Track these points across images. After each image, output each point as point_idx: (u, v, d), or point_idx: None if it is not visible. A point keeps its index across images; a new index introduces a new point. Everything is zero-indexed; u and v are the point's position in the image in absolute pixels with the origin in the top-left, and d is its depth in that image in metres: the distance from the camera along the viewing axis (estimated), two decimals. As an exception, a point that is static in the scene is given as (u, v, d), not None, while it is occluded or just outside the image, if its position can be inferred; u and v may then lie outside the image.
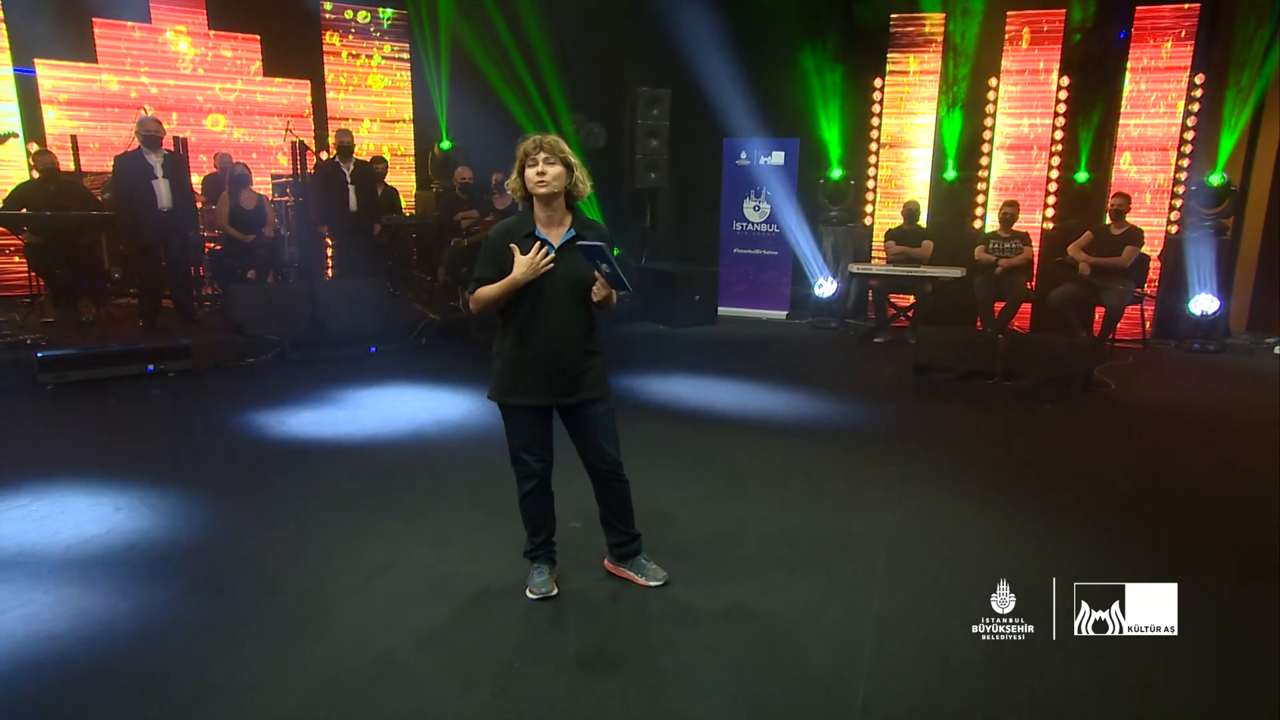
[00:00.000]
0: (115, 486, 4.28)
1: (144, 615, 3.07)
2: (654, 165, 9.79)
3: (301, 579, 3.37)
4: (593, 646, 2.93)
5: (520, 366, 3.06)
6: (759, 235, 10.02)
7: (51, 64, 9.05)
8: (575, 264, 3.01)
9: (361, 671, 2.72)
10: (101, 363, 6.32)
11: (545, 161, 2.94)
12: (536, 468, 3.18)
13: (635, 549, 3.40)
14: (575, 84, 10.29)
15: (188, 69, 9.76)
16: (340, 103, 10.87)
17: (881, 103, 9.68)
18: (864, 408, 6.17)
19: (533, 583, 3.27)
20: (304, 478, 4.51)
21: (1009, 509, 4.17)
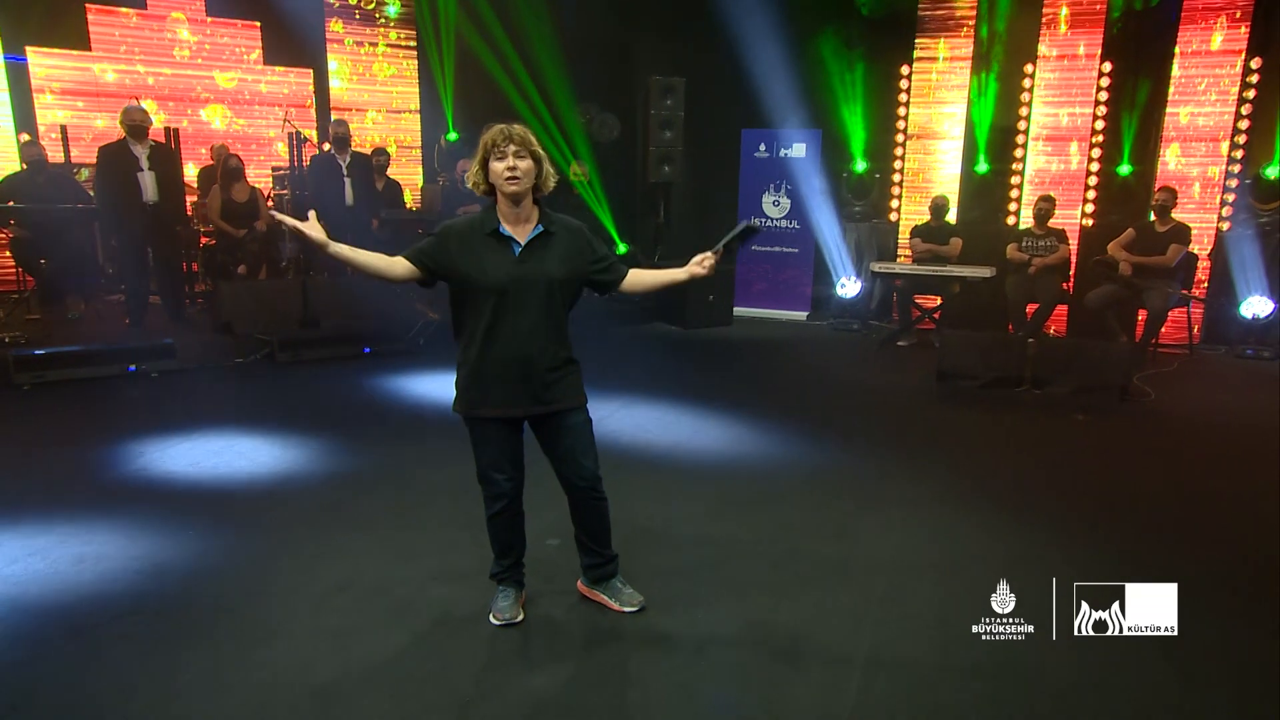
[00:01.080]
0: (73, 494, 4.22)
1: (80, 635, 2.98)
2: (667, 158, 9.64)
3: (255, 598, 3.27)
4: (556, 681, 2.80)
5: (485, 375, 2.92)
6: (778, 232, 9.83)
7: (44, 52, 9.10)
8: (544, 263, 2.88)
9: (295, 706, 2.61)
10: (80, 362, 6.29)
11: (516, 155, 2.78)
12: (506, 487, 3.05)
13: (610, 571, 3.26)
14: (585, 72, 10.18)
15: (185, 56, 9.78)
16: (345, 92, 10.86)
17: (909, 91, 9.46)
18: (880, 417, 5.99)
19: (497, 607, 3.14)
20: (272, 487, 4.42)
21: (1024, 529, 3.98)
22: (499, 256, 2.84)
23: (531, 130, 2.91)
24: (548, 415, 3.00)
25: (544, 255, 2.89)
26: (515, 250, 2.86)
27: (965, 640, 3.02)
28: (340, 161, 8.17)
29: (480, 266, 2.83)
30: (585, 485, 3.07)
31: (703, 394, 6.50)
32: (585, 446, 3.06)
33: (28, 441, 5.06)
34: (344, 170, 8.13)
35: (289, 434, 5.26)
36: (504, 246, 2.86)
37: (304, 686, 2.71)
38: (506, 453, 3.02)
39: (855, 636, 3.07)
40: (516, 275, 2.84)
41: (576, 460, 3.04)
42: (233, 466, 4.68)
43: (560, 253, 2.92)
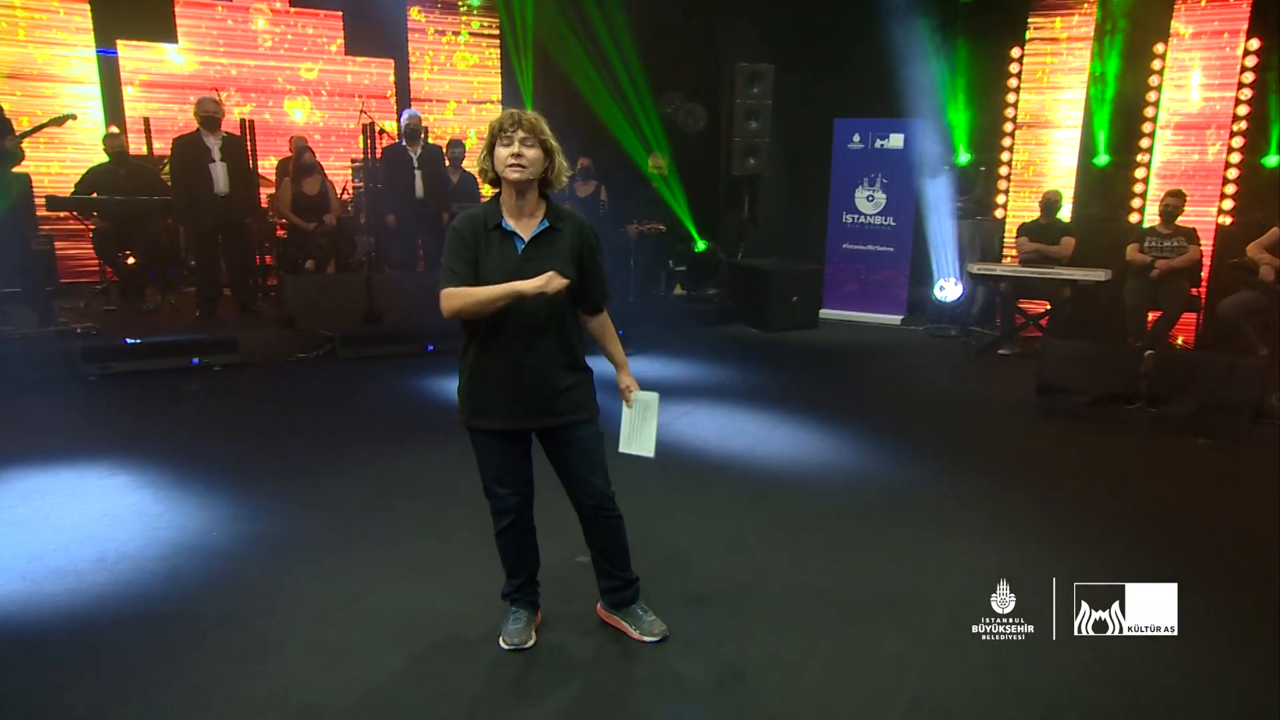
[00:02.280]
0: (115, 489, 4.34)
1: (78, 638, 3.02)
2: (753, 150, 9.41)
3: (262, 607, 3.26)
4: (550, 714, 2.67)
5: (487, 383, 2.81)
6: (872, 229, 9.47)
7: (133, 44, 9.53)
8: (548, 261, 2.74)
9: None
10: (145, 354, 6.53)
11: (522, 142, 2.66)
12: (511, 502, 2.94)
13: (630, 596, 3.12)
14: (669, 60, 10.04)
15: (268, 48, 10.11)
16: (424, 83, 11.02)
17: (1020, 76, 8.97)
18: (967, 433, 5.65)
19: (506, 630, 3.04)
20: (305, 490, 4.44)
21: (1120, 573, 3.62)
22: (501, 253, 2.73)
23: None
24: (555, 428, 2.87)
25: (549, 253, 2.76)
26: (518, 247, 2.74)
27: (1027, 695, 2.75)
28: (411, 153, 8.26)
29: (483, 264, 2.72)
30: (593, 504, 2.94)
31: (773, 401, 6.28)
32: (595, 462, 2.93)
33: (86, 433, 5.25)
34: (415, 162, 8.22)
35: (335, 434, 5.31)
36: (506, 242, 2.74)
37: (289, 706, 2.66)
38: (510, 466, 2.91)
39: (897, 686, 2.83)
40: (519, 274, 2.70)
41: (584, 477, 2.91)
42: (269, 468, 4.73)
43: (566, 251, 2.79)
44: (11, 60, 9.00)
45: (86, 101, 9.40)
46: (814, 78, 9.33)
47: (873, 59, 9.18)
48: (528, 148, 2.67)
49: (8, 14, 9.01)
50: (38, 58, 9.15)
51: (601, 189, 9.22)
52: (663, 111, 10.39)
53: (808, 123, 9.79)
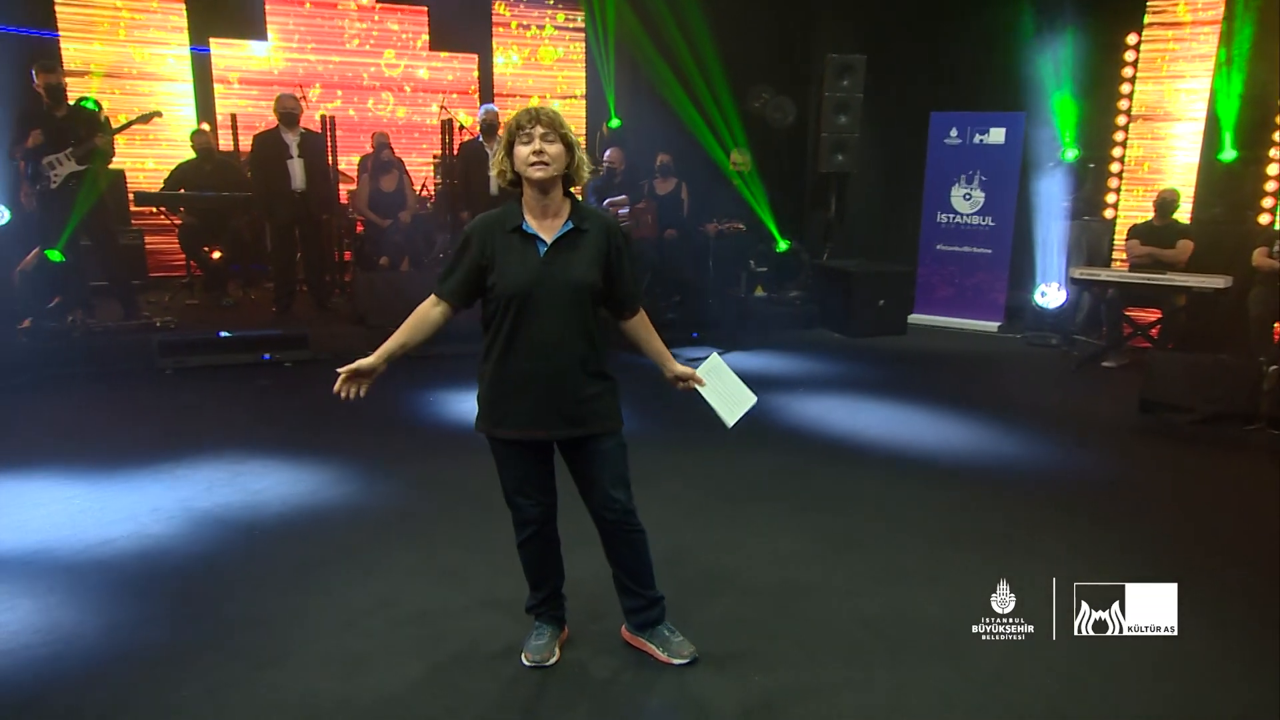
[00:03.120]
0: (164, 485, 4.50)
1: (110, 636, 3.11)
2: (841, 145, 9.18)
3: (290, 609, 3.30)
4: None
5: (506, 390, 2.76)
6: (969, 230, 9.12)
7: (225, 42, 9.93)
8: (572, 265, 2.69)
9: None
10: (218, 348, 6.78)
11: (543, 139, 2.61)
12: (533, 513, 2.90)
13: (655, 616, 3.03)
14: (756, 52, 9.89)
15: (355, 44, 10.39)
16: (508, 78, 11.16)
17: (1136, 64, 8.50)
18: (1056, 453, 5.35)
19: (529, 646, 2.99)
20: (353, 490, 4.51)
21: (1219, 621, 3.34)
22: (521, 256, 2.68)
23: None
24: (576, 439, 2.82)
25: (573, 256, 2.70)
26: (540, 250, 2.69)
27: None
28: (488, 149, 8.35)
29: (499, 268, 2.68)
30: (615, 519, 2.87)
31: (842, 410, 6.10)
32: (616, 475, 2.86)
33: (148, 425, 5.47)
34: (490, 157, 8.28)
35: (393, 433, 5.39)
36: (528, 245, 2.69)
37: (299, 714, 2.68)
38: (531, 477, 2.87)
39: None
40: (540, 278, 2.66)
41: (605, 491, 2.84)
42: (323, 465, 4.83)
43: (592, 253, 2.73)
44: (111, 59, 9.49)
45: (180, 99, 9.84)
46: (909, 69, 9.04)
47: (973, 48, 8.86)
48: (549, 144, 2.62)
49: (111, 14, 9.50)
50: (135, 56, 9.62)
51: (683, 186, 9.15)
52: (749, 106, 10.26)
53: (901, 117, 9.50)
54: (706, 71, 9.75)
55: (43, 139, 6.71)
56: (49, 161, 6.74)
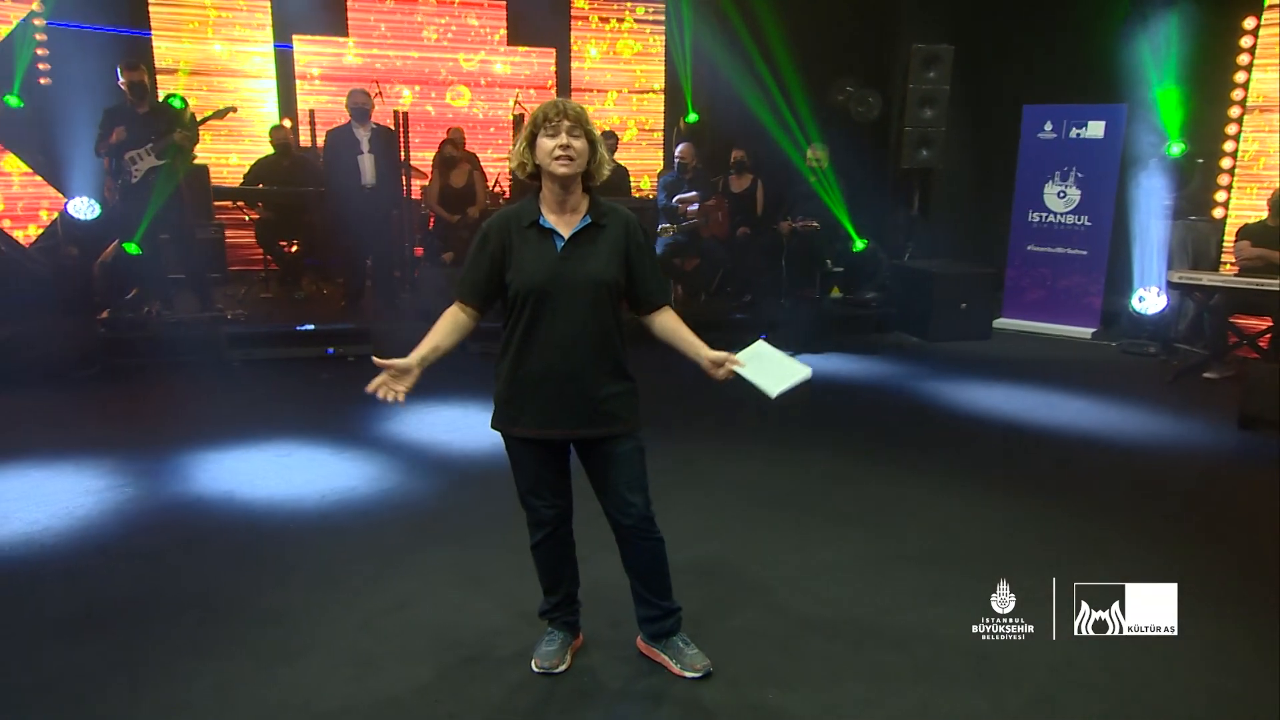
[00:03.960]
0: (211, 474, 4.66)
1: (137, 624, 3.23)
2: (926, 140, 8.93)
3: (312, 605, 3.38)
4: (560, 751, 2.61)
5: (522, 389, 2.76)
6: (1063, 230, 8.75)
7: (307, 39, 10.26)
8: (589, 261, 2.69)
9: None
10: (284, 342, 7.01)
11: (569, 133, 2.60)
12: (546, 514, 2.90)
13: (670, 627, 3.00)
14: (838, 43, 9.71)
15: (433, 39, 10.61)
16: (585, 72, 11.22)
17: (1253, 51, 8.01)
18: (1139, 470, 5.07)
19: (540, 653, 2.99)
20: (392, 486, 4.60)
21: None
22: (538, 252, 2.68)
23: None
24: (592, 440, 2.80)
25: (590, 252, 2.70)
26: (558, 245, 2.68)
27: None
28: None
29: (516, 263, 2.69)
30: (631, 524, 2.84)
31: (908, 418, 5.93)
32: (634, 479, 2.83)
33: (217, 414, 5.68)
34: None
35: (440, 429, 5.47)
36: (545, 240, 2.69)
37: (304, 713, 2.73)
38: (546, 477, 2.87)
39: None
40: (557, 274, 2.66)
41: (622, 495, 2.82)
42: (368, 459, 4.95)
43: (610, 249, 2.72)
44: (198, 57, 9.91)
45: (262, 95, 10.22)
46: (1001, 59, 8.73)
47: (1071, 36, 8.51)
48: (575, 138, 2.61)
49: (199, 12, 9.93)
50: (221, 54, 10.03)
51: (758, 183, 9.05)
52: (832, 100, 10.08)
53: (991, 110, 9.19)
54: (786, 64, 9.61)
55: (126, 135, 7.04)
56: (130, 157, 7.07)
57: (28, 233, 8.82)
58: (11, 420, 5.60)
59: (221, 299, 8.08)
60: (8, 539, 3.87)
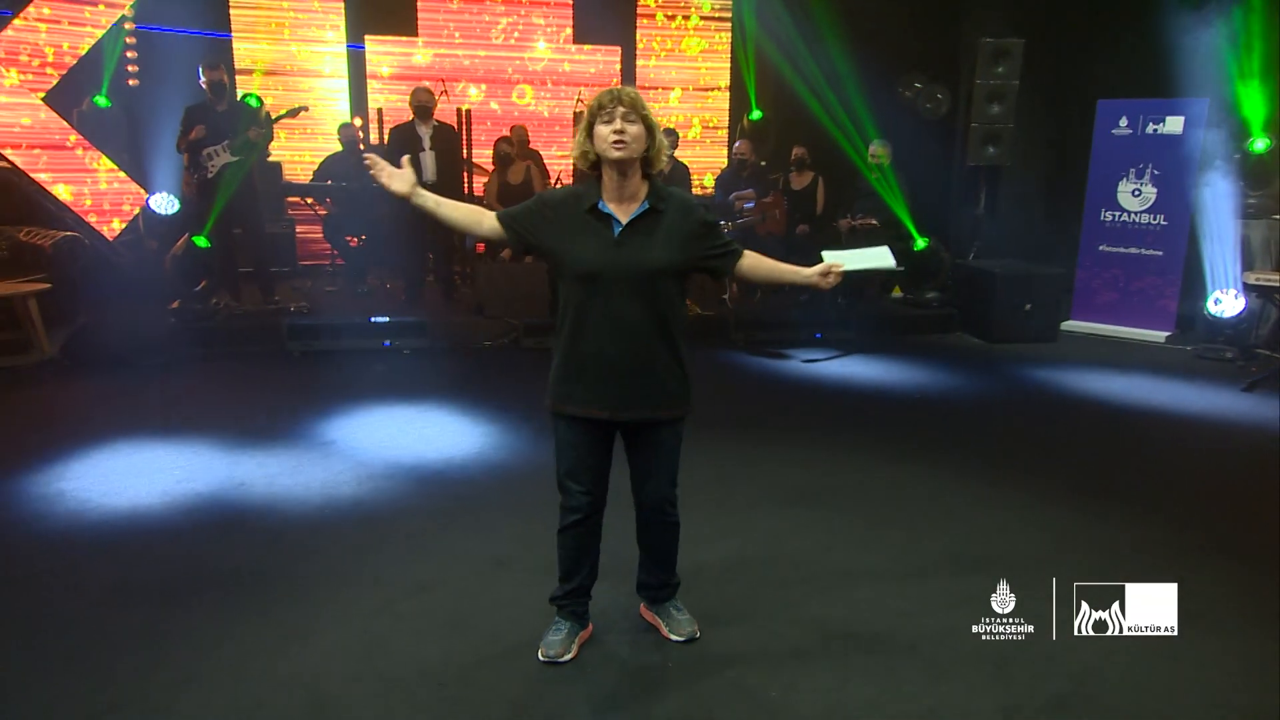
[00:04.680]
0: (255, 460, 4.81)
1: (169, 598, 3.36)
2: (994, 137, 8.70)
3: (336, 584, 3.46)
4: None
5: (575, 369, 2.81)
6: (1138, 229, 8.43)
7: (378, 39, 10.51)
8: (645, 247, 2.72)
9: (286, 715, 2.69)
10: (342, 334, 7.19)
11: (624, 118, 2.65)
12: (581, 501, 2.92)
13: (666, 595, 3.19)
14: (905, 39, 9.53)
15: (500, 39, 10.75)
16: (650, 70, 11.25)
17: (1343, 43, 7.58)
18: (1195, 485, 4.83)
19: (546, 641, 3.00)
20: (436, 472, 4.68)
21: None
22: (594, 237, 2.73)
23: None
24: (640, 423, 2.86)
25: (647, 239, 2.74)
26: (615, 230, 2.72)
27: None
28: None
29: (570, 246, 2.74)
30: (654, 505, 2.99)
31: (959, 420, 5.79)
32: (670, 466, 2.96)
33: (270, 402, 5.87)
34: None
35: (477, 421, 5.53)
36: (603, 225, 2.74)
37: (310, 689, 2.79)
38: (588, 461, 2.90)
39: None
40: (611, 260, 2.71)
41: (656, 480, 2.96)
42: (415, 447, 5.05)
43: (666, 235, 2.76)
44: (274, 57, 10.24)
45: (335, 94, 10.51)
46: (1074, 53, 8.45)
47: (1148, 28, 8.17)
48: (630, 123, 2.66)
49: (277, 14, 10.26)
50: (297, 54, 10.34)
51: (819, 181, 8.95)
52: (900, 96, 9.90)
53: (1063, 105, 8.91)
54: (852, 60, 9.47)
55: (205, 133, 7.32)
56: (208, 153, 7.35)
57: (112, 226, 9.23)
58: (79, 404, 5.87)
59: (288, 292, 8.34)
60: (58, 514, 4.06)
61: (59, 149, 8.91)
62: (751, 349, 7.46)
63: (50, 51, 9.03)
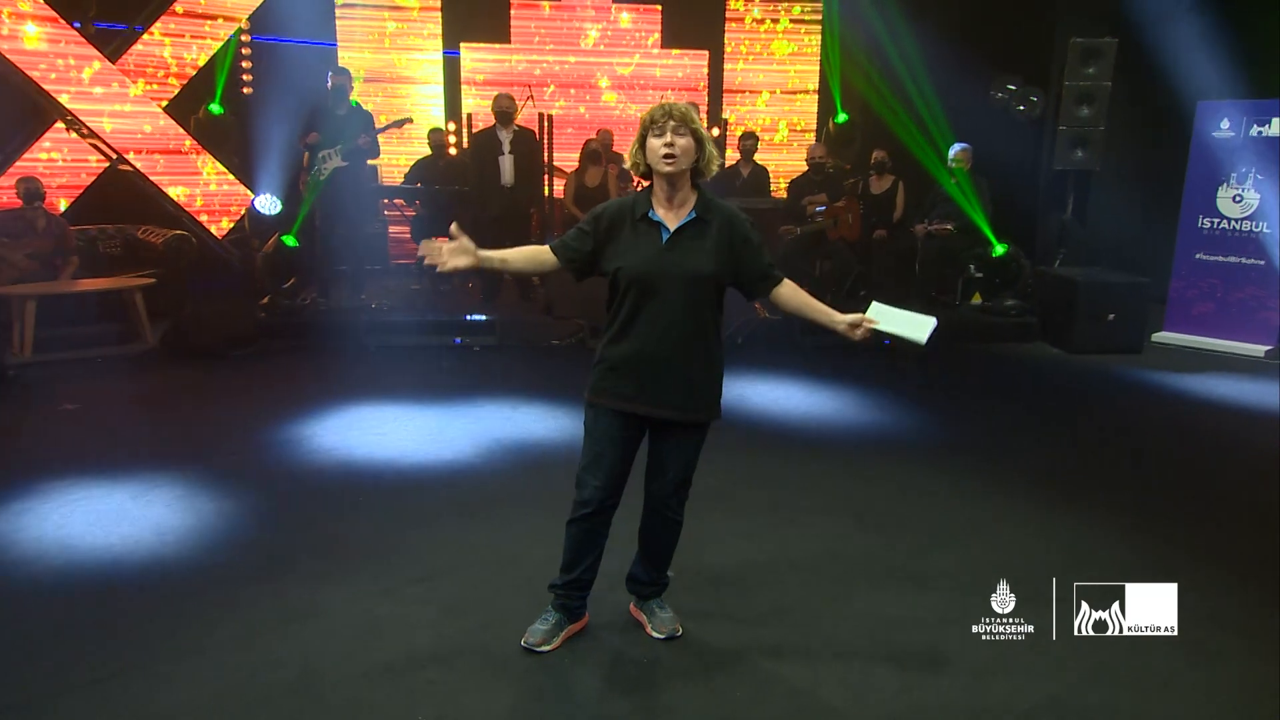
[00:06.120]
0: (312, 442, 5.09)
1: (201, 559, 3.62)
2: (1083, 140, 8.36)
3: (345, 571, 3.61)
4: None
5: (617, 364, 2.92)
6: (1237, 237, 7.97)
7: (473, 46, 10.84)
8: (691, 254, 2.84)
9: (268, 695, 2.83)
10: (415, 330, 7.49)
11: (674, 132, 2.78)
12: (594, 495, 2.98)
13: (653, 593, 3.27)
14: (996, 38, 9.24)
15: (590, 44, 10.94)
16: (738, 74, 11.24)
17: None
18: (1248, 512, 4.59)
19: (531, 629, 3.09)
20: (483, 462, 4.88)
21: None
22: (644, 242, 2.86)
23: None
24: (671, 423, 2.96)
25: (693, 246, 2.85)
26: (663, 237, 2.84)
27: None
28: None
29: (622, 252, 2.86)
30: (662, 498, 3.08)
31: (1020, 430, 5.62)
32: (684, 465, 3.04)
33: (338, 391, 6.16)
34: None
35: (525, 420, 5.69)
36: (652, 232, 2.86)
37: (298, 668, 2.95)
38: (612, 456, 2.97)
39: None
40: (659, 265, 2.83)
41: (675, 479, 3.06)
42: (450, 440, 5.23)
43: (713, 244, 2.87)
44: (374, 65, 10.69)
45: (431, 100, 10.90)
46: (1172, 52, 8.03)
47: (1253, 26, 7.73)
48: (679, 136, 2.78)
49: (379, 24, 10.72)
50: (396, 62, 10.77)
51: (899, 185, 8.78)
52: (989, 98, 9.62)
53: (1159, 107, 8.48)
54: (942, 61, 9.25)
55: (321, 136, 7.75)
56: (322, 155, 7.77)
57: (220, 226, 9.82)
58: (170, 389, 6.32)
59: (375, 289, 8.70)
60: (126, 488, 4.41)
61: (175, 154, 9.53)
62: (817, 354, 7.39)
63: (173, 63, 9.67)
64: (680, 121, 2.77)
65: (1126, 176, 9.01)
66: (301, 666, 2.97)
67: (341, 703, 2.79)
